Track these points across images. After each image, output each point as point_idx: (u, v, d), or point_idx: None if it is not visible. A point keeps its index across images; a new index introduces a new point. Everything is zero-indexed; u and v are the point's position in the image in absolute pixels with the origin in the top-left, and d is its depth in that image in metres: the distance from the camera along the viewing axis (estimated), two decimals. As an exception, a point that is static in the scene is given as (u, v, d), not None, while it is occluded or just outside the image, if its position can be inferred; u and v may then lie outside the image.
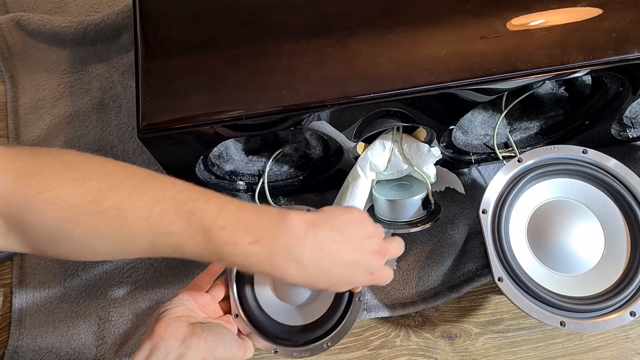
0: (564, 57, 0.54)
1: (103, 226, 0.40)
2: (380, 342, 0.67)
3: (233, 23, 0.57)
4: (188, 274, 0.69)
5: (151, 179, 0.44)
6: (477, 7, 0.56)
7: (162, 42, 0.56)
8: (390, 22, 0.56)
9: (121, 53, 0.83)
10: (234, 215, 0.44)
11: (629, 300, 0.57)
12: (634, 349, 0.66)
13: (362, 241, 0.49)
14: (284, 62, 0.54)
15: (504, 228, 0.60)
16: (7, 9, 0.87)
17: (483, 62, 0.53)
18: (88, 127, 0.79)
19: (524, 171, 0.63)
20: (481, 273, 0.68)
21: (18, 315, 0.67)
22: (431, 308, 0.69)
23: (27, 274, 0.69)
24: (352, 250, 0.48)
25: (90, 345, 0.66)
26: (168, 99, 0.53)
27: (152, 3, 0.59)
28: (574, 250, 0.61)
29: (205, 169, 0.65)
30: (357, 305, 0.57)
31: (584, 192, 0.63)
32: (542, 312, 0.57)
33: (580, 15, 0.56)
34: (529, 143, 0.72)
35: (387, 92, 0.53)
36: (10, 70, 0.82)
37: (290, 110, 0.53)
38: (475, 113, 0.71)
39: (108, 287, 0.69)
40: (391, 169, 0.67)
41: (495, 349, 0.67)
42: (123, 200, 0.41)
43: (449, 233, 0.71)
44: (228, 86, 0.53)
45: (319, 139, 0.65)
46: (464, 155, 0.71)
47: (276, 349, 0.56)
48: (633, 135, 0.72)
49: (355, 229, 0.49)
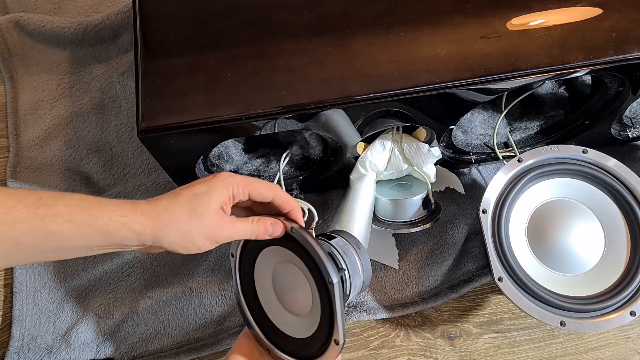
0: (564, 57, 0.54)
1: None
2: (380, 342, 0.67)
3: (233, 23, 0.57)
4: (188, 274, 0.69)
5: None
6: (477, 7, 0.56)
7: (162, 43, 0.56)
8: (390, 22, 0.56)
9: (121, 54, 0.83)
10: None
11: (629, 300, 0.57)
12: (634, 349, 0.66)
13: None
14: (283, 62, 0.54)
15: (504, 228, 0.60)
16: (7, 10, 0.87)
17: (483, 62, 0.54)
18: (87, 127, 0.79)
19: (524, 171, 0.63)
20: (481, 273, 0.68)
21: (18, 316, 0.67)
22: (431, 308, 0.69)
23: (27, 274, 0.69)
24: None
25: (91, 344, 0.66)
26: (168, 99, 0.53)
27: (151, 4, 0.59)
28: (574, 250, 0.61)
29: (205, 169, 0.65)
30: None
31: (584, 192, 0.63)
32: (542, 312, 0.57)
33: (580, 15, 0.56)
34: (529, 143, 0.72)
35: (387, 92, 0.53)
36: (10, 71, 0.82)
37: (290, 110, 0.53)
38: (475, 113, 0.71)
39: (108, 287, 0.69)
40: (391, 169, 0.67)
41: (495, 349, 0.67)
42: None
43: (449, 233, 0.71)
44: (228, 86, 0.53)
45: (318, 139, 0.65)
46: (464, 155, 0.71)
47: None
48: (633, 135, 0.72)
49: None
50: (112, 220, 0.42)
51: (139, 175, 0.76)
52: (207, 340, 0.66)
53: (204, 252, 0.69)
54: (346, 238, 0.56)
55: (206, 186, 0.45)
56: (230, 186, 0.46)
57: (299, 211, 0.50)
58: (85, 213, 0.42)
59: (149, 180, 0.74)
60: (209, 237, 0.45)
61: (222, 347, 0.65)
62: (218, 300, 0.68)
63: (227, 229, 0.46)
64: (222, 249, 0.70)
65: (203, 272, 0.69)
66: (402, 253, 0.71)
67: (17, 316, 0.67)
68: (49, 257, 0.44)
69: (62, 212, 0.41)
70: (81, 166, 0.76)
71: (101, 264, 0.70)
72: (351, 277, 0.53)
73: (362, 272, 0.55)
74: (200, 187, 0.45)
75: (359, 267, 0.54)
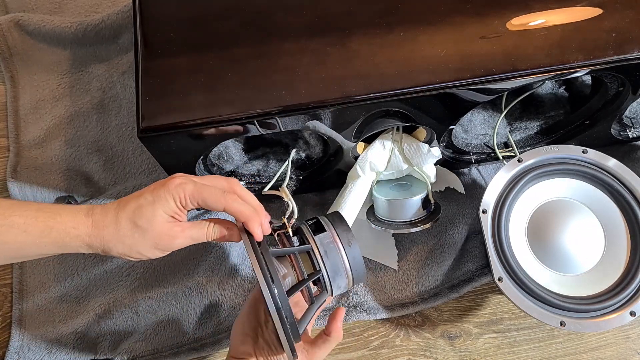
0: (563, 57, 0.54)
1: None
2: (380, 342, 0.67)
3: (233, 23, 0.57)
4: (188, 273, 0.69)
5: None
6: (477, 7, 0.56)
7: (162, 43, 0.56)
8: (390, 22, 0.56)
9: (121, 53, 0.83)
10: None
11: (629, 300, 0.57)
12: (634, 349, 0.66)
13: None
14: (283, 62, 0.54)
15: (504, 228, 0.60)
16: (7, 9, 0.88)
17: (483, 62, 0.54)
18: (88, 127, 0.79)
19: (524, 171, 0.63)
20: (481, 273, 0.68)
21: (18, 315, 0.67)
22: (431, 308, 0.69)
23: (27, 273, 0.70)
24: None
25: (91, 344, 0.66)
26: (168, 99, 0.53)
27: (152, 3, 0.59)
28: (574, 250, 0.61)
29: (205, 169, 0.65)
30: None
31: (584, 192, 0.63)
32: (542, 312, 0.57)
33: (580, 15, 0.56)
34: (529, 143, 0.72)
35: (387, 92, 0.53)
36: (10, 70, 0.83)
37: (290, 110, 0.53)
38: (475, 113, 0.71)
39: (108, 287, 0.69)
40: (391, 169, 0.67)
41: (495, 349, 0.67)
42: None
43: (449, 233, 0.71)
44: (228, 86, 0.53)
45: (318, 138, 0.65)
46: (464, 155, 0.71)
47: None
48: (633, 135, 0.72)
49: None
50: (65, 231, 0.44)
51: (139, 175, 0.76)
52: (207, 340, 0.66)
53: (203, 252, 0.70)
54: (337, 232, 0.53)
55: (152, 196, 0.45)
56: (178, 196, 0.45)
57: (254, 222, 0.47)
58: (40, 224, 0.43)
59: (149, 180, 0.75)
60: (157, 247, 0.46)
61: (222, 347, 0.65)
62: (218, 299, 0.68)
63: (177, 237, 0.46)
64: (223, 249, 0.70)
65: (203, 272, 0.69)
66: (402, 253, 0.71)
67: (17, 316, 0.67)
68: (7, 262, 0.46)
69: (18, 222, 0.43)
70: (81, 166, 0.76)
71: (101, 264, 0.70)
72: (330, 278, 0.51)
73: (349, 270, 0.52)
74: (145, 198, 0.45)
75: (344, 265, 0.52)
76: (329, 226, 0.53)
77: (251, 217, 0.47)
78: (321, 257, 0.51)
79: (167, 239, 0.45)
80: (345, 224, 0.54)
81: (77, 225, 0.44)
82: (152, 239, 0.45)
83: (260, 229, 0.47)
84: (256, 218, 0.47)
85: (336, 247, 0.52)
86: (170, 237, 0.45)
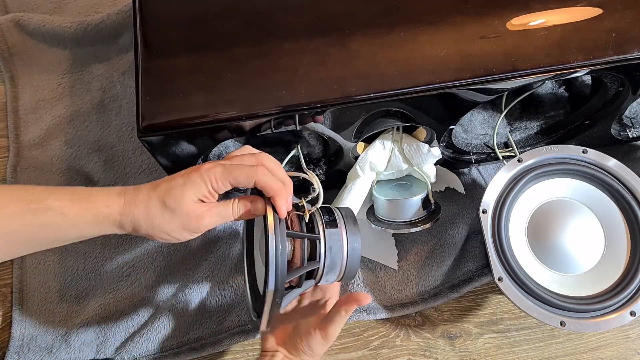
0: (563, 57, 0.54)
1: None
2: (380, 342, 0.67)
3: (233, 23, 0.57)
4: (188, 274, 0.69)
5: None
6: (477, 7, 0.56)
7: (162, 43, 0.56)
8: (390, 22, 0.56)
9: (121, 53, 0.83)
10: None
11: (629, 300, 0.57)
12: (634, 348, 0.66)
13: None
14: (284, 62, 0.54)
15: (504, 228, 0.60)
16: (7, 9, 0.88)
17: (483, 62, 0.54)
18: (88, 127, 0.79)
19: (524, 171, 0.63)
20: (481, 273, 0.68)
21: (18, 315, 0.67)
22: (431, 308, 0.69)
23: (27, 273, 0.70)
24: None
25: (91, 344, 0.66)
26: (168, 99, 0.53)
27: (152, 3, 0.59)
28: (574, 250, 0.61)
29: (205, 169, 0.64)
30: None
31: (584, 192, 0.63)
32: (542, 312, 0.57)
33: (580, 15, 0.56)
34: (529, 143, 0.72)
35: (387, 92, 0.53)
36: (10, 70, 0.82)
37: (290, 110, 0.53)
38: (475, 113, 0.71)
39: (108, 287, 0.69)
40: (391, 169, 0.67)
41: (495, 349, 0.67)
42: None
43: (449, 233, 0.71)
44: (228, 86, 0.53)
45: (318, 138, 0.65)
46: (464, 155, 0.71)
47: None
48: (633, 135, 0.72)
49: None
50: (99, 211, 0.45)
51: (140, 174, 0.76)
52: (207, 340, 0.66)
53: (203, 252, 0.70)
54: (347, 233, 0.53)
55: (183, 179, 0.46)
56: (209, 179, 0.46)
57: (281, 197, 0.47)
58: (75, 205, 0.44)
59: (149, 180, 0.74)
60: (185, 228, 0.46)
61: (222, 347, 0.65)
62: (218, 299, 0.68)
63: (204, 216, 0.46)
64: (223, 249, 0.70)
65: (203, 272, 0.69)
66: (402, 253, 0.71)
67: (17, 316, 0.67)
68: (46, 247, 0.47)
69: (54, 205, 0.44)
70: (82, 166, 0.76)
71: (101, 263, 0.70)
72: (325, 272, 0.52)
73: (343, 270, 0.53)
74: (177, 180, 0.46)
75: (341, 265, 0.52)
76: (341, 224, 0.53)
77: (279, 191, 0.47)
78: (325, 252, 0.51)
79: (194, 219, 0.46)
80: (356, 227, 0.54)
81: (110, 204, 0.45)
82: (180, 219, 0.45)
83: (285, 206, 0.48)
84: (284, 193, 0.47)
85: (341, 246, 0.52)
86: (198, 217, 0.46)
